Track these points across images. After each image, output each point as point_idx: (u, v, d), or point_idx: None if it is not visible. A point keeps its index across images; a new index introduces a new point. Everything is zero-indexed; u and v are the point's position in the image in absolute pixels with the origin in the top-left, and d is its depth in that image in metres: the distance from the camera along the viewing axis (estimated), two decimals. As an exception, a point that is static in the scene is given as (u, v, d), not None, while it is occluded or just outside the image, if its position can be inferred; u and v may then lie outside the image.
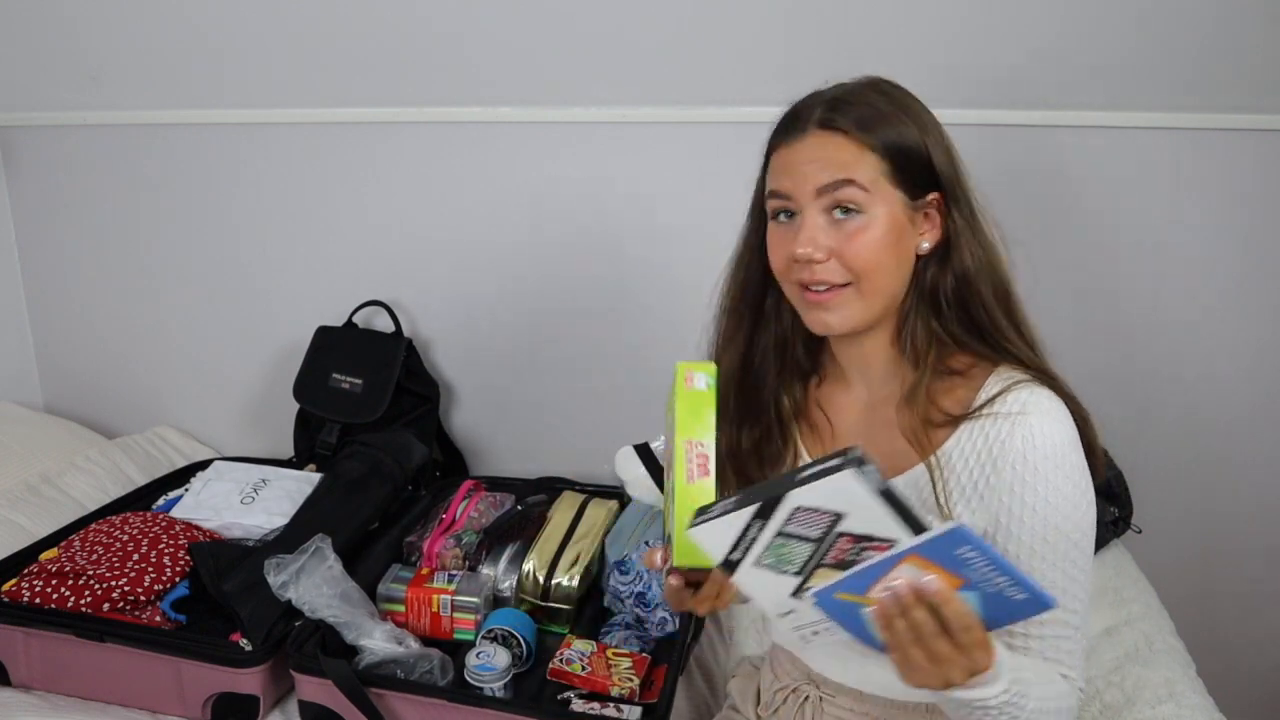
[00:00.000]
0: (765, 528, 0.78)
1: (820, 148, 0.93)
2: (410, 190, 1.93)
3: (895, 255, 0.94)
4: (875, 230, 0.92)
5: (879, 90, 0.96)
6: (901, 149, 0.93)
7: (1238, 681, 1.67)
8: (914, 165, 0.93)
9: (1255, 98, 1.61)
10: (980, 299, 0.96)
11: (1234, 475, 1.81)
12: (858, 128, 0.92)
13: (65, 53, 1.95)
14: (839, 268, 0.93)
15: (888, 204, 0.92)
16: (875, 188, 0.92)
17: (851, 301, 0.95)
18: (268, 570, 1.36)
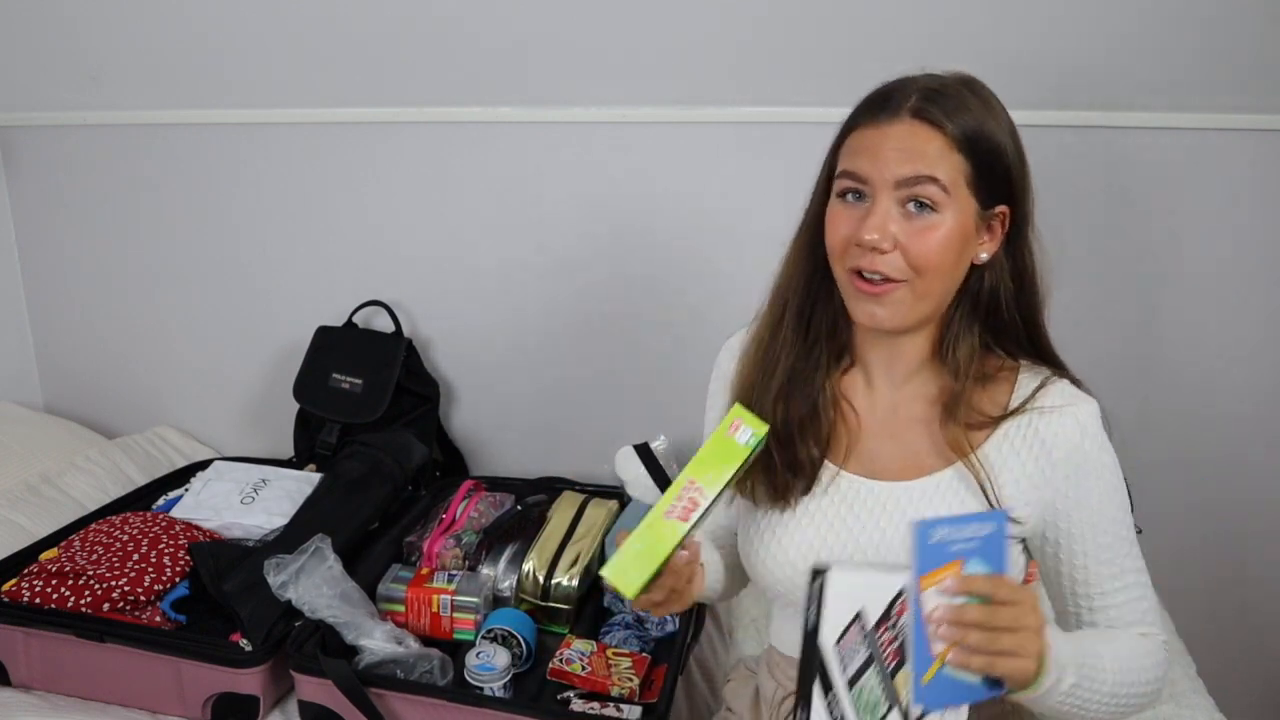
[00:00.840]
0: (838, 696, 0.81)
1: (910, 136, 0.90)
2: (410, 190, 1.93)
3: (957, 260, 0.93)
4: (944, 231, 0.91)
5: (973, 89, 0.95)
6: (989, 155, 0.92)
7: (1238, 681, 1.67)
8: (995, 174, 0.93)
9: (1255, 98, 1.61)
10: (1035, 310, 1.00)
11: (1234, 474, 1.81)
12: (954, 125, 0.90)
13: (65, 53, 1.95)
14: (901, 262, 0.91)
15: (962, 208, 0.92)
16: (955, 190, 0.91)
17: (904, 299, 0.93)
18: (268, 570, 1.36)
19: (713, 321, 1.89)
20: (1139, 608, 0.99)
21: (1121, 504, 0.98)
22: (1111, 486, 0.97)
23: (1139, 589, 0.99)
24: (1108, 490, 0.97)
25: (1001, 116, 0.95)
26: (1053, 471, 0.96)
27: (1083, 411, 0.96)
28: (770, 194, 1.79)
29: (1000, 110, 0.95)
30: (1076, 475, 0.96)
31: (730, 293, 1.86)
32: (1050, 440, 0.96)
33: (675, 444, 1.78)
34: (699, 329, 1.90)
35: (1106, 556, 0.97)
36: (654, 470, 1.68)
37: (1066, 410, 0.96)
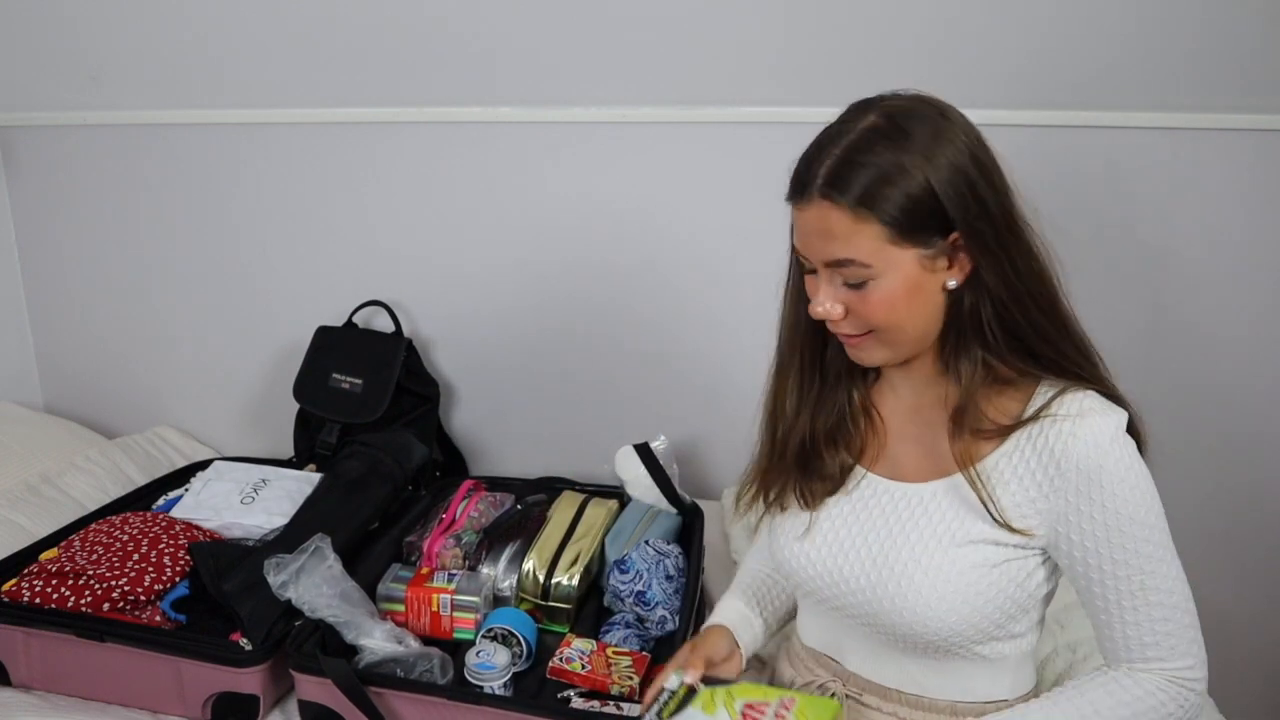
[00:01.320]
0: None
1: (821, 219, 0.92)
2: (410, 190, 1.93)
3: (912, 306, 0.94)
4: (885, 293, 0.92)
5: (889, 133, 0.90)
6: (907, 210, 0.89)
7: (1238, 681, 1.67)
8: (923, 220, 0.90)
9: (1255, 98, 1.61)
10: (1028, 321, 0.95)
11: (1234, 474, 1.82)
12: (856, 201, 0.89)
13: (65, 53, 1.95)
14: (857, 322, 0.96)
15: (898, 264, 0.91)
16: (879, 256, 0.91)
17: (877, 347, 0.98)
18: (267, 570, 1.36)
19: (713, 321, 1.90)
20: (1161, 631, 0.95)
21: (1144, 520, 0.93)
22: (1130, 501, 0.93)
23: (1163, 612, 0.94)
24: (1124, 504, 0.93)
25: (936, 150, 0.90)
26: (1062, 482, 0.94)
27: (1097, 422, 0.93)
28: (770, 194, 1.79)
29: (936, 141, 0.90)
30: (1087, 487, 0.93)
31: (730, 292, 1.87)
32: (1060, 450, 0.93)
33: (675, 444, 1.78)
34: (699, 329, 1.90)
35: (1124, 573, 0.94)
36: (654, 470, 1.68)
37: (1080, 420, 0.93)
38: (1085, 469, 0.92)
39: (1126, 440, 0.94)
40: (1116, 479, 0.92)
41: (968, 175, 0.91)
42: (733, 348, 1.88)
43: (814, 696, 1.02)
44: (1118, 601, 0.95)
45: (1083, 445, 0.92)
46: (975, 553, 0.97)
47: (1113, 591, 0.95)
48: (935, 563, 0.97)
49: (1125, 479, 0.93)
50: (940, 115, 0.93)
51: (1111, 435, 0.93)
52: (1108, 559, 0.94)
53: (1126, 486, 0.93)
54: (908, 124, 0.91)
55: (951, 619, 0.96)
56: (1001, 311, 0.94)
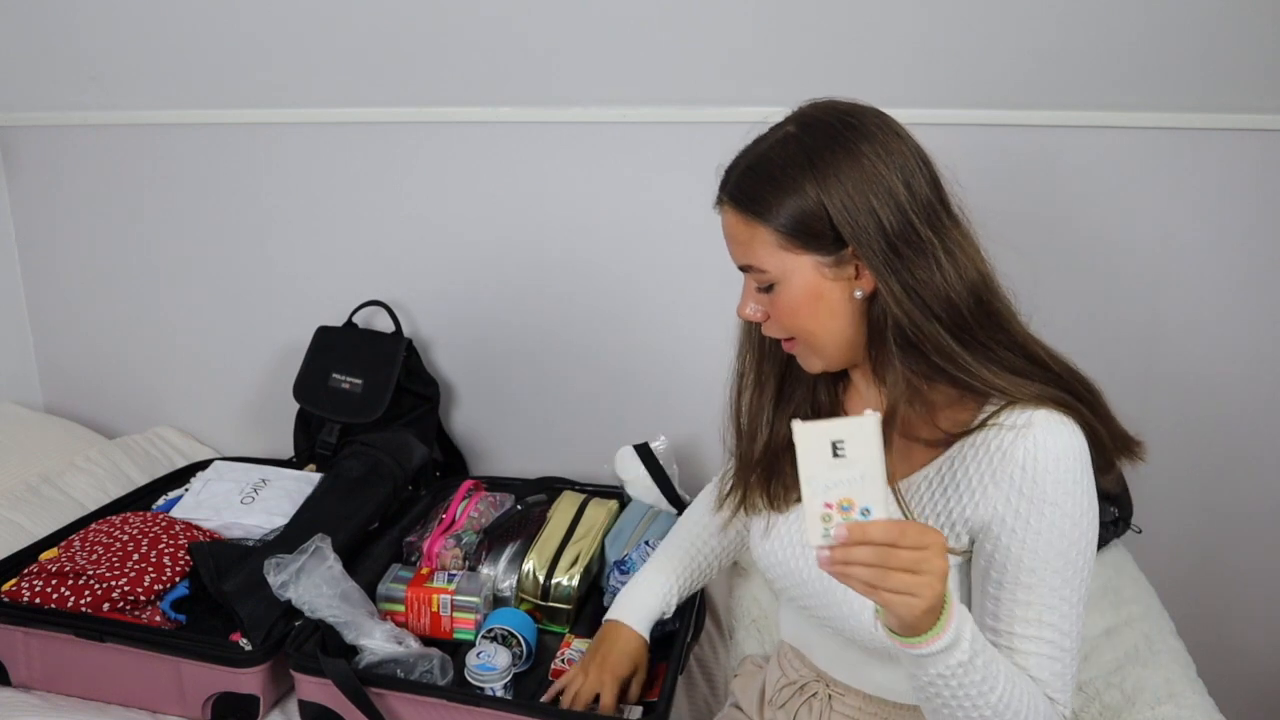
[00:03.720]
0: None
1: (728, 225, 0.98)
2: (410, 190, 1.93)
3: (819, 313, 0.94)
4: (788, 296, 0.95)
5: (795, 142, 0.92)
6: (795, 218, 0.91)
7: (1238, 682, 1.67)
8: (812, 230, 0.91)
9: (1255, 98, 1.61)
10: (929, 339, 0.91)
11: (1234, 475, 1.81)
12: (748, 206, 0.93)
13: (65, 53, 1.95)
14: (776, 326, 0.99)
15: (795, 270, 0.93)
16: (775, 260, 0.93)
17: (806, 353, 1.00)
18: (267, 570, 1.36)
19: (713, 321, 1.89)
20: (1049, 668, 0.90)
21: (1066, 550, 0.89)
22: (1056, 528, 0.89)
23: (1054, 650, 0.90)
24: (1048, 530, 0.89)
25: (822, 158, 0.90)
26: (994, 490, 0.91)
27: (1042, 437, 0.89)
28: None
29: (826, 149, 0.90)
30: (1017, 500, 0.89)
31: (730, 292, 1.86)
32: (998, 459, 0.90)
33: (675, 444, 1.78)
34: (699, 329, 1.90)
35: (1025, 598, 0.90)
36: (654, 470, 1.68)
37: (1024, 432, 0.89)
38: (1019, 481, 0.89)
39: (1073, 463, 0.89)
40: (1048, 499, 0.89)
41: (865, 196, 0.89)
42: (733, 347, 1.87)
43: None
44: (1010, 627, 0.91)
45: (1022, 456, 0.89)
46: None
47: (1007, 614, 0.91)
48: None
49: (1057, 500, 0.89)
50: (856, 131, 0.91)
51: (1056, 454, 0.89)
52: (1012, 580, 0.90)
53: (1057, 509, 0.89)
54: (816, 139, 0.92)
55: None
56: (904, 327, 0.92)
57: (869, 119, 0.93)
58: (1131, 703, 1.33)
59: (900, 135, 0.93)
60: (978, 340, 0.92)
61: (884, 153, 0.91)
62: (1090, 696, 1.34)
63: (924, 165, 0.93)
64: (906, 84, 1.67)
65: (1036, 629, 0.90)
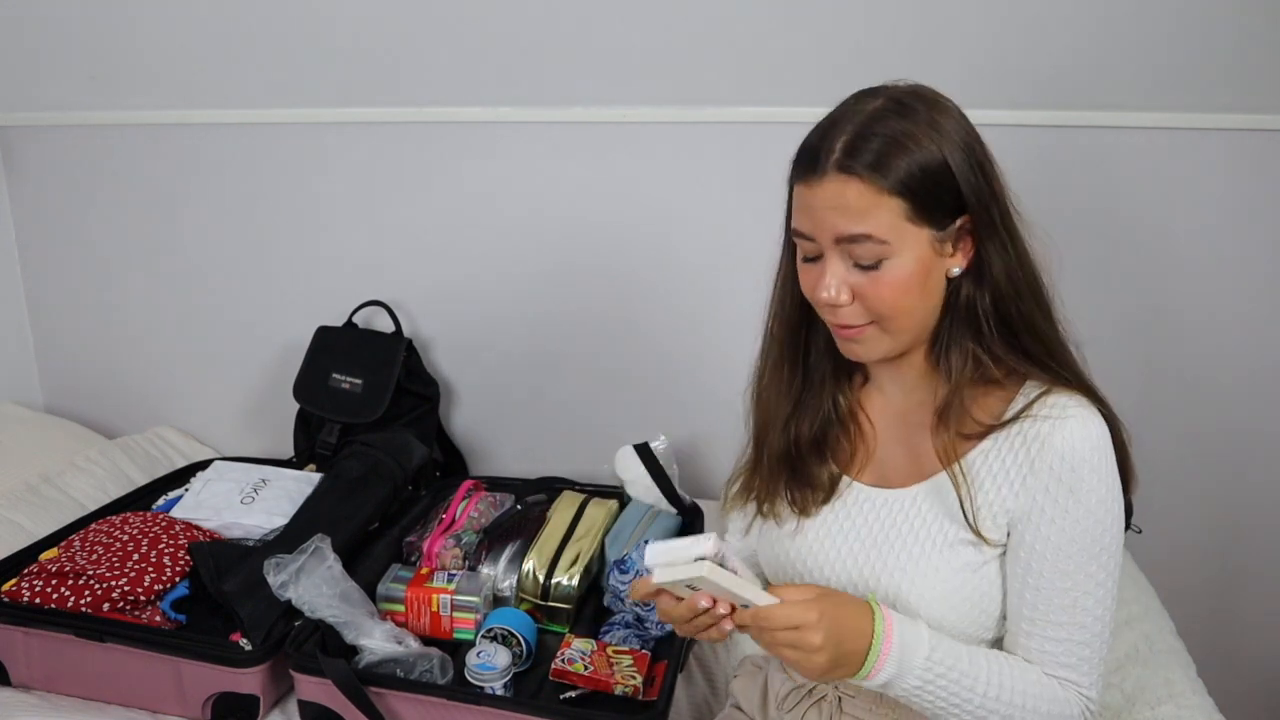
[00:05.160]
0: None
1: (838, 194, 0.89)
2: (410, 190, 1.93)
3: (922, 293, 0.92)
4: (899, 274, 0.90)
5: (899, 110, 0.90)
6: (924, 182, 0.88)
7: (1238, 682, 1.67)
8: (939, 195, 0.89)
9: (1256, 98, 1.61)
10: (1022, 315, 0.94)
11: (1234, 474, 1.82)
12: (875, 171, 0.87)
13: (65, 53, 1.95)
14: (862, 310, 0.93)
15: (913, 245, 0.90)
16: (896, 233, 0.89)
17: (879, 338, 0.95)
18: (267, 570, 1.36)
19: (712, 321, 1.89)
20: (1076, 653, 0.93)
21: (1100, 538, 0.92)
22: (1091, 514, 0.91)
23: (1085, 636, 0.93)
24: (1084, 516, 0.91)
25: (939, 121, 0.90)
26: (1034, 480, 0.92)
27: (1079, 425, 0.91)
28: (770, 194, 1.79)
29: (939, 114, 0.91)
30: (1055, 490, 0.91)
31: (731, 291, 1.86)
32: (1036, 449, 0.92)
33: (675, 444, 1.78)
34: (699, 329, 1.90)
35: (1062, 586, 0.92)
36: (654, 470, 1.68)
37: (1059, 422, 0.91)
38: (1057, 469, 0.91)
39: (1106, 452, 0.92)
40: (1088, 488, 0.91)
41: (980, 161, 0.92)
42: (733, 347, 1.85)
43: None
44: (1046, 615, 0.93)
45: (1061, 445, 0.91)
46: (958, 556, 0.96)
47: (1044, 602, 0.93)
48: (923, 569, 0.96)
49: (1093, 487, 0.91)
50: (938, 103, 0.94)
51: (1092, 442, 0.91)
52: (1051, 568, 0.92)
53: (1092, 496, 0.91)
54: (914, 103, 0.92)
55: (944, 625, 0.95)
56: (998, 303, 0.94)
57: (942, 96, 0.95)
58: (1132, 703, 1.33)
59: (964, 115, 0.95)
60: (1049, 320, 0.96)
61: (966, 126, 0.93)
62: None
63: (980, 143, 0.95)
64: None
65: (1070, 615, 0.92)
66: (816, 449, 1.05)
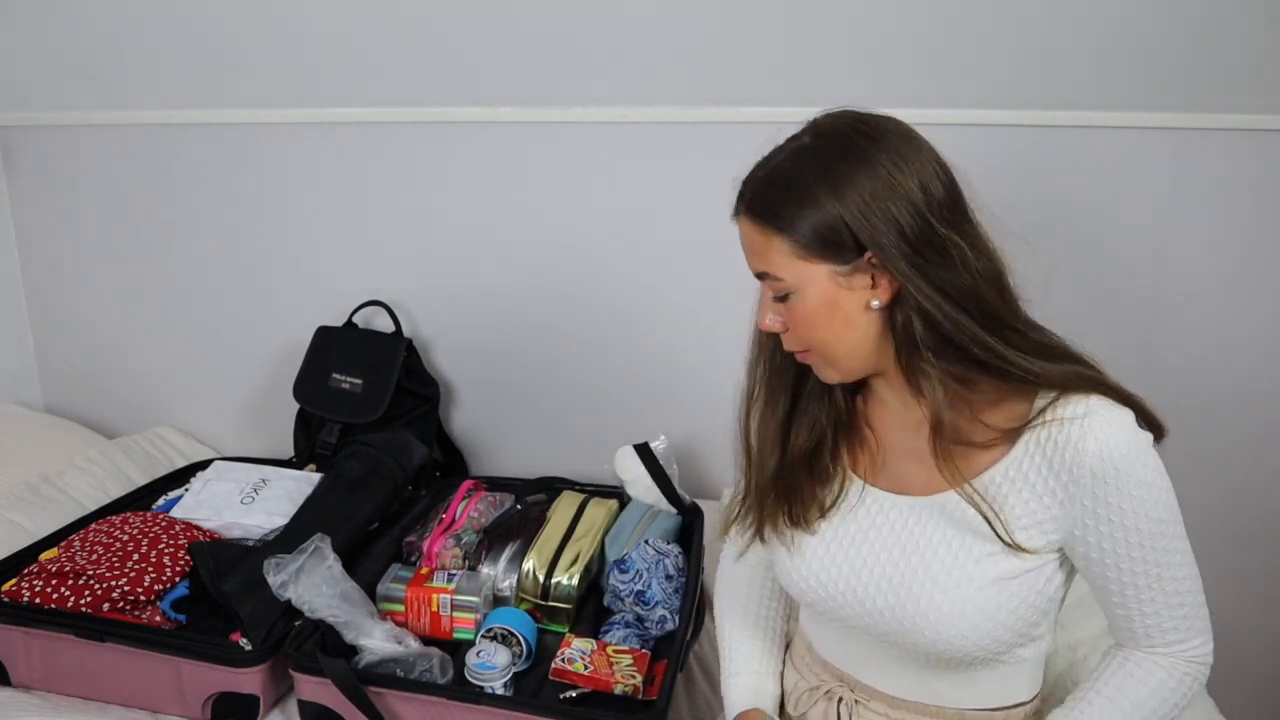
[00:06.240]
0: None
1: (746, 235, 0.97)
2: (410, 190, 1.93)
3: (834, 323, 0.94)
4: (804, 307, 0.94)
5: (801, 153, 0.93)
6: (812, 228, 0.91)
7: (1238, 681, 1.66)
8: (828, 236, 0.91)
9: (1256, 98, 1.61)
10: (961, 333, 0.91)
11: (1234, 473, 1.81)
12: (765, 217, 0.93)
13: (65, 53, 1.95)
14: (793, 338, 0.98)
15: (812, 280, 0.93)
16: (792, 271, 0.93)
17: (823, 365, 0.99)
18: (267, 570, 1.36)
19: (712, 321, 1.89)
20: (1178, 615, 0.97)
21: (1159, 515, 0.94)
22: (1145, 499, 0.93)
23: (1179, 599, 0.96)
24: (1139, 504, 0.92)
25: (837, 168, 0.90)
26: (1076, 488, 0.92)
27: (1104, 421, 0.91)
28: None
29: (841, 158, 0.90)
30: (1103, 491, 0.91)
31: (730, 291, 1.86)
32: (1071, 455, 0.91)
33: (675, 444, 1.78)
34: (699, 329, 1.90)
35: (1141, 569, 0.95)
36: (654, 470, 1.68)
37: (1087, 421, 0.91)
38: (1099, 472, 0.91)
39: (1137, 435, 0.92)
40: (1131, 479, 0.92)
41: (881, 203, 0.89)
42: (733, 347, 1.85)
43: None
44: (1135, 595, 0.96)
45: (1094, 447, 0.91)
46: (995, 566, 0.95)
47: (1130, 587, 0.96)
48: (954, 580, 0.95)
49: (1140, 477, 0.92)
50: (870, 139, 0.91)
51: (1121, 434, 0.91)
52: (1125, 557, 0.94)
53: (1141, 485, 0.92)
54: (831, 149, 0.92)
55: (975, 635, 0.95)
56: (935, 327, 0.91)
57: (883, 126, 0.93)
58: (1132, 702, 1.33)
59: (915, 140, 0.93)
60: (1008, 329, 0.94)
61: (899, 159, 0.90)
62: (1090, 696, 1.34)
63: (940, 168, 0.92)
64: (907, 84, 1.67)
65: (1157, 592, 0.95)
66: (809, 462, 1.05)
